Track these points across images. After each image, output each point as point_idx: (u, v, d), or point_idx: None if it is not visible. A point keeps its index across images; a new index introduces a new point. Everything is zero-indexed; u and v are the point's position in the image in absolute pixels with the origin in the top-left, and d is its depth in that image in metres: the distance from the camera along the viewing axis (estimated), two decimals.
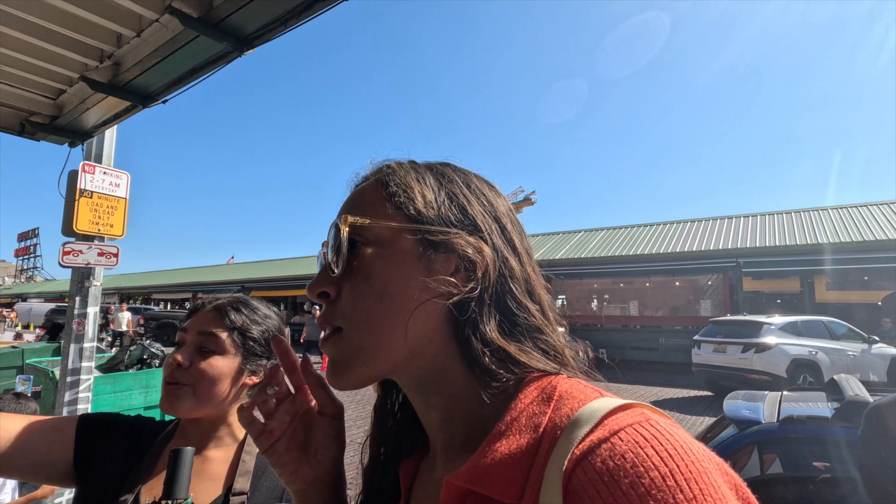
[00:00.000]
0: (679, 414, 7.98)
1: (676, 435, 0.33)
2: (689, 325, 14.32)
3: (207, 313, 0.93)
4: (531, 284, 0.48)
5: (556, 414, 0.37)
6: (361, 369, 0.44)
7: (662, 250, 15.43)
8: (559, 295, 18.62)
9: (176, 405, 0.86)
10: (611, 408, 0.36)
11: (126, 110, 2.67)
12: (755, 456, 2.14)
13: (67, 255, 3.14)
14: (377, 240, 0.46)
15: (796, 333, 8.93)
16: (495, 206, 0.50)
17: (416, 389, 0.47)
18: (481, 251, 0.45)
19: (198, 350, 0.89)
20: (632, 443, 0.32)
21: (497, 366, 0.42)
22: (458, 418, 0.45)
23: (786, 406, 2.32)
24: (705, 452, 0.33)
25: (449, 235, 0.45)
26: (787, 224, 15.21)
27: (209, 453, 0.92)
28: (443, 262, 0.45)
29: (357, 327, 0.44)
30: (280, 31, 1.92)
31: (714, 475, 0.31)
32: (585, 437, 0.34)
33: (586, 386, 0.41)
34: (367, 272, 0.45)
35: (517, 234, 0.50)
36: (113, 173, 3.39)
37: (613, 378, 12.04)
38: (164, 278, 36.25)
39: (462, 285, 0.44)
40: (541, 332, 0.46)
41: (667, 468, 0.30)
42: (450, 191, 0.49)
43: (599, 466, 0.31)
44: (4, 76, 2.55)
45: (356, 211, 0.48)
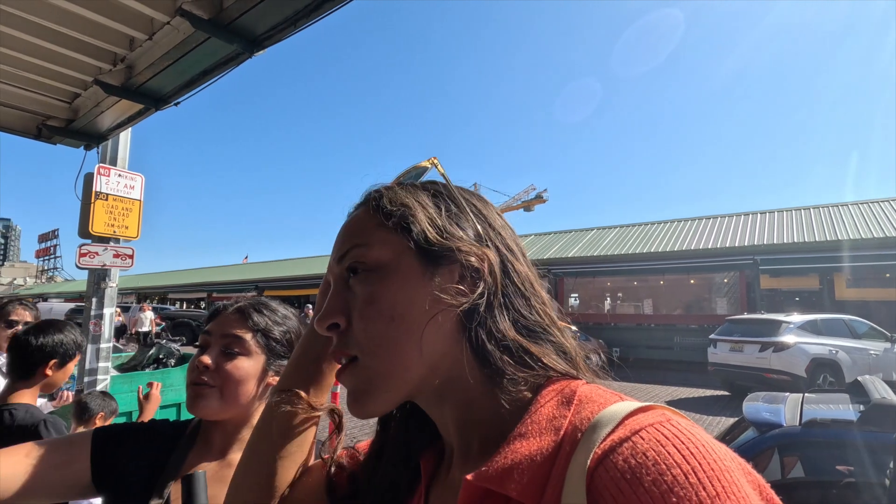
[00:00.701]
0: (696, 414, 7.87)
1: (698, 434, 0.33)
2: (704, 324, 14.11)
3: (230, 315, 0.94)
4: (533, 283, 0.49)
5: (577, 417, 0.38)
6: (383, 395, 0.45)
7: (677, 248, 15.22)
8: (572, 293, 18.51)
9: (203, 406, 0.87)
10: (631, 409, 0.36)
11: (139, 113, 2.69)
12: (776, 459, 2.08)
13: (84, 257, 3.19)
14: (378, 263, 0.46)
15: (816, 332, 8.74)
16: (486, 214, 0.51)
17: (434, 401, 0.48)
18: (484, 256, 0.46)
19: (223, 352, 0.90)
20: (653, 441, 0.32)
21: (515, 368, 0.43)
22: (476, 424, 0.45)
23: (808, 408, 2.26)
24: (727, 452, 0.33)
25: (450, 245, 0.46)
26: (805, 220, 14.91)
27: (232, 457, 0.91)
28: (447, 273, 0.46)
29: (372, 353, 0.45)
30: (290, 32, 1.91)
31: (737, 474, 0.31)
32: (607, 436, 0.34)
33: (606, 390, 0.42)
34: (374, 297, 0.45)
35: (511, 238, 0.51)
36: (128, 175, 3.43)
37: (627, 377, 11.93)
38: (180, 278, 36.77)
39: (470, 292, 0.45)
40: (550, 332, 0.47)
41: (689, 466, 0.30)
42: (444, 205, 0.50)
43: (622, 465, 0.31)
44: (21, 81, 2.59)
45: (353, 238, 0.49)
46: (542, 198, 46.03)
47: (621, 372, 9.09)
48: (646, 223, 18.78)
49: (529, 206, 46.19)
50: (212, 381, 0.88)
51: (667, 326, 15.22)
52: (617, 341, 15.25)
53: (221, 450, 0.92)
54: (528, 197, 46.40)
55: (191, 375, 0.90)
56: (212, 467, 0.89)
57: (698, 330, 13.96)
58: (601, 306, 18.86)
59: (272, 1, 1.79)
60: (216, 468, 0.89)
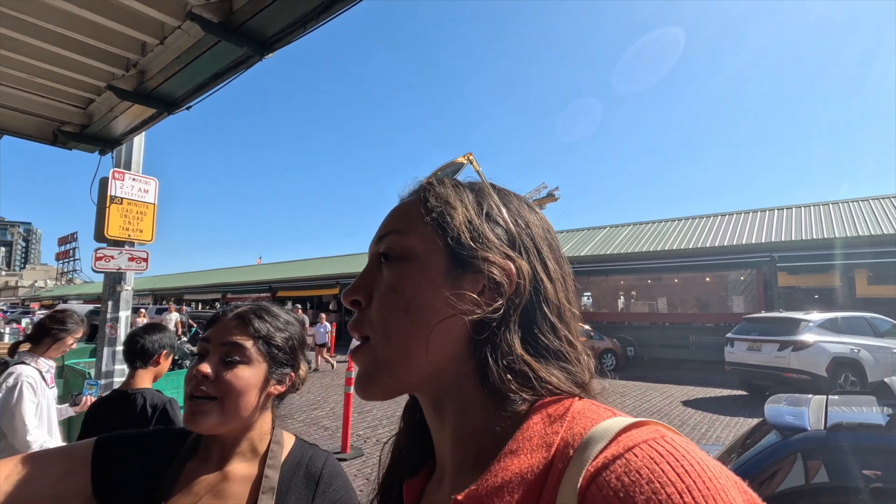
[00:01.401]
0: (712, 414, 7.75)
1: (693, 452, 0.32)
2: (720, 323, 13.92)
3: (230, 322, 0.90)
4: (562, 312, 0.47)
5: (569, 433, 0.37)
6: (386, 381, 0.45)
7: (692, 245, 15.01)
8: (584, 292, 18.36)
9: (202, 421, 0.83)
10: (624, 425, 0.35)
11: (152, 117, 2.71)
12: (799, 464, 2.02)
13: (100, 261, 3.22)
14: (409, 254, 0.47)
15: (837, 330, 8.54)
16: (533, 228, 0.50)
17: (433, 406, 0.48)
18: (511, 274, 0.45)
19: (223, 361, 0.86)
20: (647, 459, 0.31)
21: (514, 386, 0.42)
22: (470, 437, 0.45)
23: (833, 411, 2.19)
24: (723, 470, 0.32)
25: (479, 254, 0.45)
26: (824, 216, 14.60)
27: (230, 469, 0.88)
28: (471, 280, 0.45)
29: (382, 338, 0.45)
30: (299, 34, 1.90)
31: (732, 493, 0.30)
32: (599, 453, 0.33)
33: (599, 406, 0.41)
34: (397, 285, 0.46)
35: (553, 259, 0.49)
36: (142, 180, 3.46)
37: (642, 377, 11.81)
38: (195, 279, 37.27)
39: (486, 305, 0.44)
40: (566, 360, 0.45)
41: (683, 484, 0.29)
42: (488, 210, 0.49)
43: (615, 483, 0.31)
44: (37, 87, 2.62)
45: (395, 224, 0.50)
46: (554, 196, 45.79)
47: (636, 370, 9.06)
48: (660, 220, 18.56)
49: (541, 204, 45.89)
50: (212, 392, 0.84)
51: (682, 325, 15.03)
52: (631, 340, 15.11)
53: (219, 461, 0.88)
54: (539, 195, 46.16)
55: (189, 386, 0.85)
56: (208, 480, 0.86)
57: (714, 329, 13.77)
58: (615, 305, 18.69)
59: (281, 3, 1.78)
60: (214, 481, 0.86)
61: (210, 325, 0.92)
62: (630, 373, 12.61)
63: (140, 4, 1.94)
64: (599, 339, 13.42)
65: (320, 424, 6.98)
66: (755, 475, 2.01)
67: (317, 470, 0.91)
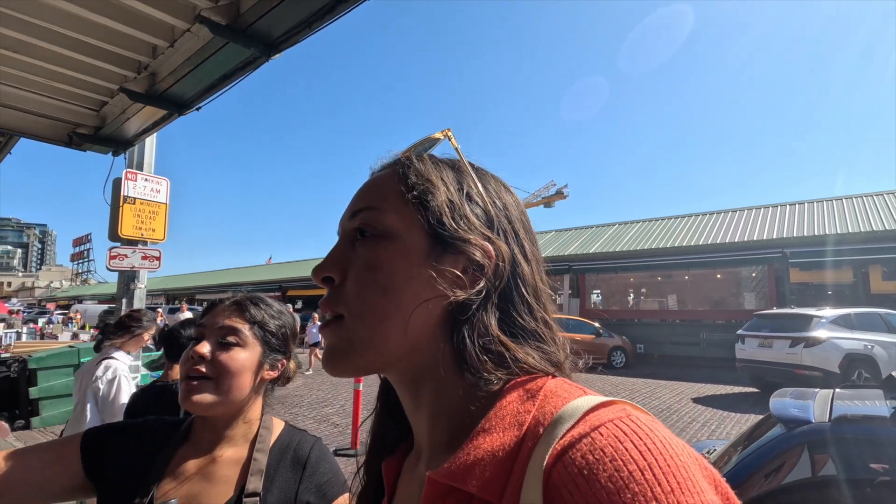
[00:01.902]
0: (723, 411, 7.70)
1: (656, 430, 0.33)
2: (731, 319, 13.78)
3: (227, 308, 0.94)
4: (538, 293, 0.48)
5: (540, 411, 0.38)
6: (358, 360, 0.44)
7: (702, 242, 14.88)
8: (594, 290, 18.29)
9: (197, 400, 0.85)
10: (593, 404, 0.36)
11: (163, 118, 2.77)
12: (805, 457, 2.03)
13: (114, 260, 3.30)
14: (388, 231, 0.46)
15: (850, 327, 8.43)
16: (510, 209, 0.50)
17: (408, 385, 0.47)
18: (491, 255, 0.45)
19: (219, 343, 0.89)
20: (611, 437, 0.32)
21: (490, 366, 0.42)
22: (445, 416, 0.45)
23: (838, 404, 2.18)
24: (684, 448, 0.33)
25: (461, 235, 0.45)
26: (837, 211, 14.40)
27: (219, 453, 0.90)
28: (451, 261, 0.45)
29: (358, 317, 0.44)
30: (305, 35, 1.94)
31: (692, 469, 0.31)
32: (567, 432, 0.34)
33: (571, 384, 0.42)
34: (374, 263, 0.45)
35: (529, 241, 0.49)
36: (154, 180, 3.53)
37: (652, 374, 11.75)
38: (207, 279, 37.69)
39: (469, 286, 0.44)
40: (542, 340, 0.46)
41: (645, 462, 0.30)
42: (468, 190, 0.48)
43: (580, 461, 0.31)
44: (51, 91, 2.69)
45: (371, 199, 0.48)
46: (563, 194, 45.61)
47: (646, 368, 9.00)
48: (669, 217, 18.43)
49: (550, 202, 45.82)
50: (208, 373, 0.86)
51: (692, 322, 14.92)
52: (641, 337, 15.02)
53: (210, 446, 0.90)
54: (548, 193, 46.02)
55: (184, 367, 0.87)
56: (197, 464, 0.88)
57: (725, 325, 13.65)
58: (624, 302, 18.59)
59: (287, 5, 1.82)
60: (202, 464, 0.88)
61: (206, 312, 0.95)
62: (640, 370, 12.56)
63: (150, 8, 2.00)
64: (609, 337, 13.36)
65: (330, 421, 7.06)
66: (759, 468, 2.02)
67: (304, 454, 0.94)
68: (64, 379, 7.15)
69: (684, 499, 0.29)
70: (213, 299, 1.00)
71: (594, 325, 13.59)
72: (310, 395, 9.03)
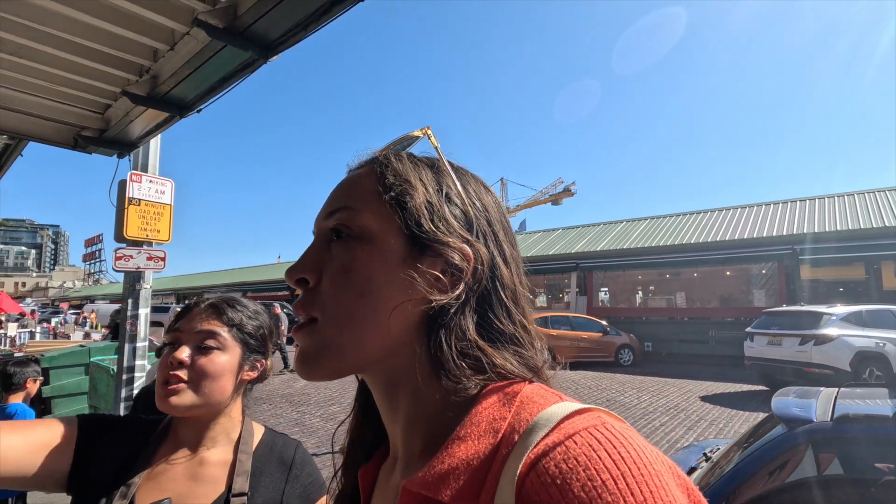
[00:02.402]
0: (731, 409, 7.64)
1: (630, 438, 0.33)
2: (741, 317, 13.65)
3: (203, 311, 0.94)
4: (517, 296, 0.47)
5: (516, 418, 0.37)
6: (332, 364, 0.44)
7: (710, 239, 14.75)
8: (601, 288, 18.20)
9: (175, 402, 0.84)
10: (568, 412, 0.36)
11: (165, 121, 2.80)
12: (807, 457, 2.01)
13: (119, 260, 3.34)
14: (364, 232, 0.45)
15: (861, 324, 8.32)
16: (490, 211, 0.49)
17: (384, 389, 0.47)
18: (469, 258, 0.44)
19: (198, 348, 0.89)
20: (585, 446, 0.32)
21: (468, 371, 0.42)
22: (421, 422, 0.44)
23: (841, 403, 2.16)
24: (658, 456, 0.33)
25: (440, 238, 0.44)
26: (849, 207, 14.19)
27: (204, 455, 0.90)
28: (429, 263, 0.44)
29: (333, 321, 0.43)
30: (301, 37, 1.95)
31: (666, 478, 0.31)
32: (541, 440, 0.34)
33: (548, 390, 0.41)
34: (350, 265, 0.44)
35: (508, 243, 0.49)
36: (158, 181, 3.57)
37: (659, 372, 11.68)
38: (217, 279, 38.01)
39: (448, 290, 0.43)
40: (520, 345, 0.45)
41: (618, 471, 0.30)
42: (447, 190, 0.47)
43: (553, 470, 0.31)
44: (57, 94, 2.73)
45: (347, 199, 0.47)
46: (570, 191, 45.39)
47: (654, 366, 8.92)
48: (678, 214, 18.28)
49: (557, 199, 45.64)
50: (185, 377, 0.86)
51: (701, 320, 14.81)
52: (649, 335, 14.94)
53: (192, 446, 0.91)
54: (555, 190, 45.84)
55: (163, 373, 0.86)
56: (181, 463, 0.88)
57: (734, 323, 13.52)
58: (632, 300, 18.48)
59: (283, 7, 1.83)
60: (186, 464, 0.88)
61: (181, 317, 0.94)
62: (647, 368, 12.47)
63: (150, 12, 2.02)
64: (616, 335, 13.29)
65: (337, 419, 7.09)
66: (760, 468, 2.00)
67: (289, 456, 0.96)
68: (75, 378, 7.25)
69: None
70: (186, 303, 1.00)
71: (602, 323, 13.53)
72: (317, 393, 9.08)
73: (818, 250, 12.79)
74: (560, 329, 12.61)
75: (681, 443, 5.97)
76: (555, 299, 20.99)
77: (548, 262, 17.76)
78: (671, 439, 6.15)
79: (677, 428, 6.66)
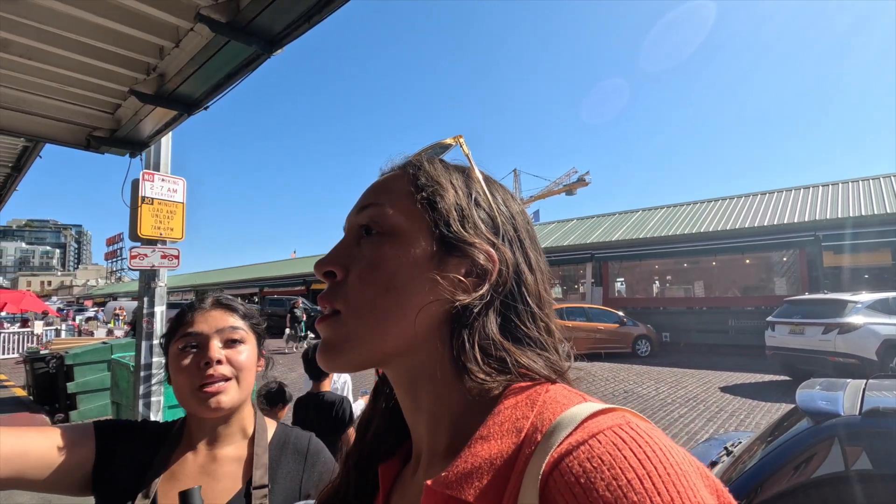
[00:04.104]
0: (752, 400, 7.51)
1: (656, 437, 0.33)
2: (761, 306, 13.37)
3: (214, 310, 0.95)
4: (542, 301, 0.47)
5: (539, 418, 0.37)
6: (352, 356, 0.45)
7: (729, 226, 14.45)
8: (617, 278, 18.00)
9: (226, 402, 0.87)
10: (592, 411, 0.35)
11: (174, 119, 2.80)
12: (834, 452, 1.94)
13: (134, 259, 3.38)
14: (394, 230, 0.46)
15: (888, 312, 8.07)
16: (516, 218, 0.50)
17: (406, 386, 0.47)
18: (494, 260, 0.45)
19: (226, 344, 0.91)
20: (610, 445, 0.32)
21: (490, 371, 0.42)
22: (444, 421, 0.45)
23: (870, 396, 2.07)
24: (685, 456, 0.33)
25: (467, 239, 0.45)
26: (874, 191, 13.76)
27: (219, 451, 0.91)
28: (455, 264, 0.45)
29: (357, 315, 0.45)
30: (305, 29, 1.92)
31: (693, 478, 0.30)
32: (564, 440, 0.33)
33: (571, 391, 0.41)
34: (378, 261, 0.45)
35: (534, 251, 0.50)
36: (170, 180, 3.59)
37: (678, 363, 11.52)
38: (233, 275, 38.55)
39: (471, 290, 0.44)
40: (544, 348, 0.45)
41: (644, 470, 0.30)
42: (476, 196, 0.48)
43: (577, 469, 0.31)
44: (68, 96, 2.75)
45: (379, 197, 0.48)
46: (585, 181, 44.96)
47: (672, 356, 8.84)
48: (695, 202, 17.94)
49: (571, 189, 45.27)
50: (227, 374, 0.88)
51: (720, 309, 14.56)
52: (666, 326, 14.74)
53: (208, 444, 0.92)
54: (569, 181, 45.44)
55: (197, 378, 0.86)
56: (197, 461, 0.90)
57: (755, 312, 13.25)
58: (649, 290, 18.24)
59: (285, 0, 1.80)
60: (202, 462, 0.90)
61: (183, 321, 0.93)
62: (665, 359, 12.32)
63: (153, 9, 2.00)
64: (633, 325, 13.14)
65: None
66: (784, 463, 1.94)
67: (304, 446, 0.98)
68: (99, 374, 7.43)
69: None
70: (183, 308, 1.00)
71: (618, 313, 13.38)
72: None
73: (842, 236, 12.44)
74: (576, 320, 12.52)
75: (700, 434, 5.87)
76: (570, 290, 20.82)
77: (563, 252, 17.59)
78: (690, 431, 6.06)
79: (696, 420, 6.56)
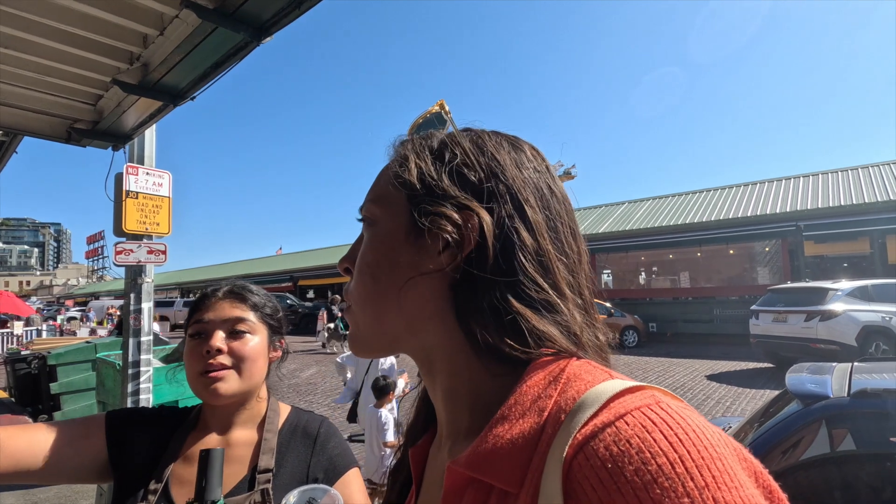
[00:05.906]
0: (738, 387, 7.66)
1: (689, 418, 0.30)
2: (745, 295, 13.63)
3: (225, 299, 0.96)
4: (547, 258, 0.42)
5: (563, 396, 0.35)
6: (368, 342, 0.47)
7: (713, 217, 14.66)
8: (604, 269, 18.17)
9: (225, 389, 0.87)
10: (618, 389, 0.33)
11: (159, 110, 2.73)
12: (823, 433, 1.98)
13: (120, 255, 3.30)
14: (374, 218, 0.47)
15: (867, 299, 8.30)
16: (507, 171, 0.44)
17: (425, 368, 0.48)
18: (463, 227, 0.42)
19: (230, 334, 0.92)
20: (639, 427, 0.29)
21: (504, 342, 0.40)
22: (462, 400, 0.44)
23: (857, 378, 2.12)
24: (721, 437, 0.30)
25: (431, 210, 0.43)
26: (853, 181, 14.06)
27: (231, 437, 0.93)
28: (433, 237, 0.43)
29: (357, 305, 0.47)
30: (295, 16, 1.88)
31: (730, 461, 0.28)
32: (589, 420, 0.32)
33: (596, 366, 0.39)
34: (365, 253, 0.47)
35: (538, 201, 0.44)
36: (155, 174, 3.51)
37: (665, 352, 11.70)
38: (219, 272, 38.06)
39: (451, 259, 0.42)
40: (554, 310, 0.42)
41: (676, 454, 0.28)
42: (450, 158, 0.45)
43: (603, 452, 0.29)
44: (47, 86, 2.66)
45: (371, 189, 0.50)
46: (571, 174, 45.15)
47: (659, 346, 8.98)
48: (680, 193, 18.16)
49: None
50: (227, 363, 0.88)
51: (705, 299, 14.79)
52: (653, 316, 14.94)
53: (221, 430, 0.93)
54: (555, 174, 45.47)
55: (199, 364, 0.88)
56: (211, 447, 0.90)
57: (739, 301, 13.51)
58: (636, 281, 18.45)
59: None
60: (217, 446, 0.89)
61: (198, 307, 0.95)
62: (652, 349, 12.50)
63: None
64: (620, 316, 13.30)
65: (344, 408, 7.13)
66: (775, 445, 1.98)
67: (314, 430, 0.98)
68: (83, 374, 7.28)
69: (721, 494, 0.26)
70: (205, 291, 1.01)
71: (605, 304, 13.52)
72: (323, 382, 9.13)
73: (822, 226, 12.72)
74: None
75: None
76: None
77: None
78: None
79: None
